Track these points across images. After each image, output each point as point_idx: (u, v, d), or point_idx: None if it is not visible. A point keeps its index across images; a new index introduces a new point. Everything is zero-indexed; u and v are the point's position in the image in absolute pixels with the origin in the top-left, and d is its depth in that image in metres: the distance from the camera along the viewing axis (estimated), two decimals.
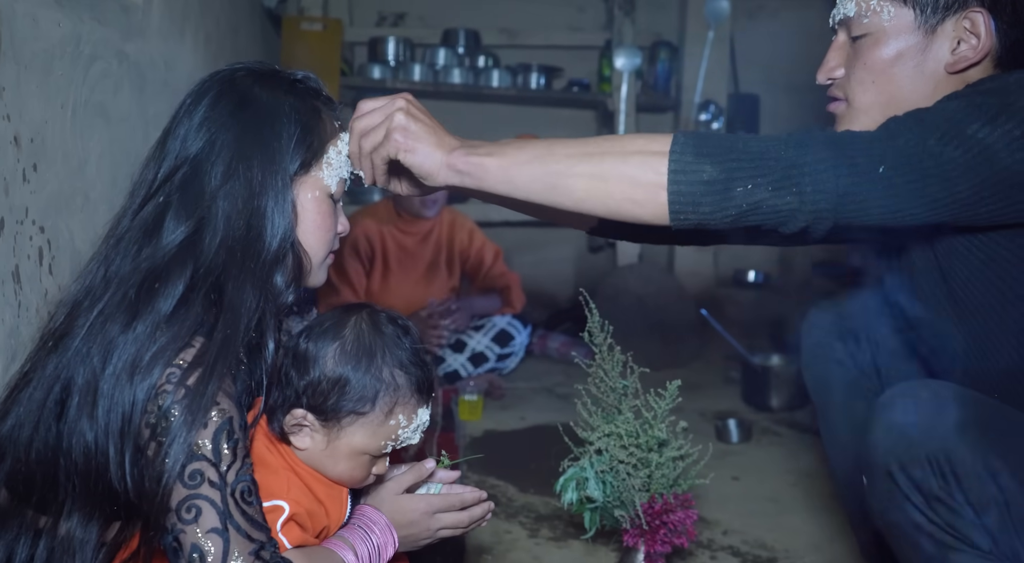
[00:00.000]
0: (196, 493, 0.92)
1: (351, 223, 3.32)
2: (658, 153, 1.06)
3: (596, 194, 1.08)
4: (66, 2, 1.68)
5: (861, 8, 1.17)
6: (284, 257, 1.07)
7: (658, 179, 1.04)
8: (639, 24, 3.86)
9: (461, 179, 1.13)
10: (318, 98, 1.15)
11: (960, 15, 1.13)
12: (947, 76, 1.15)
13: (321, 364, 1.09)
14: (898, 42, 1.16)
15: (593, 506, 1.55)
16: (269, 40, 3.64)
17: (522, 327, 3.12)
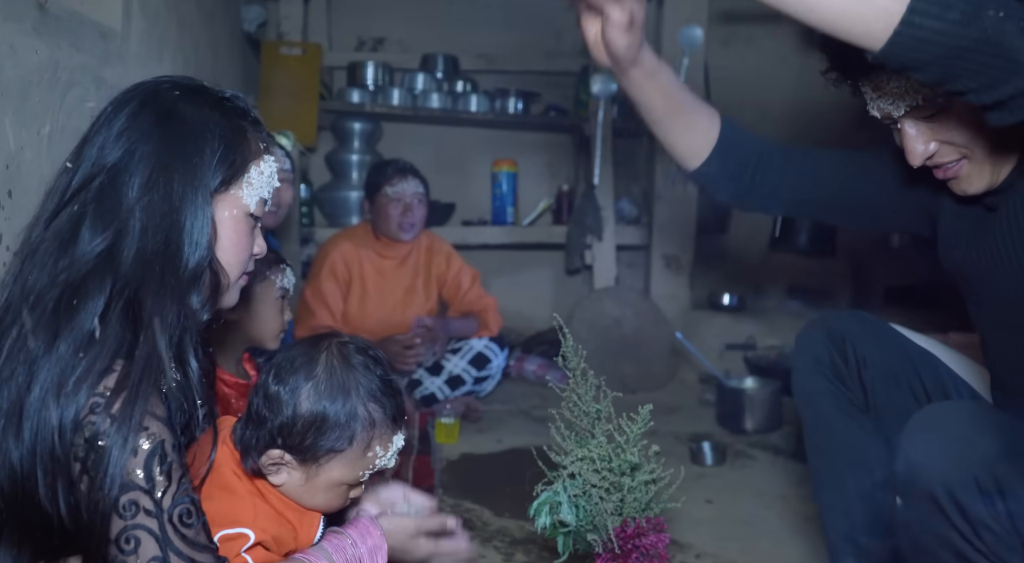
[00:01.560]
0: (133, 524, 0.91)
1: (330, 246, 3.34)
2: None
3: (835, 5, 1.04)
4: (44, 30, 1.69)
5: (925, 93, 1.17)
6: (201, 274, 1.06)
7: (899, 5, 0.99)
8: None
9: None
10: (244, 118, 1.14)
11: None
12: None
13: (296, 405, 1.08)
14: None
15: (566, 530, 1.55)
16: (248, 64, 3.65)
17: (499, 350, 3.12)
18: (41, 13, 1.71)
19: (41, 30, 1.69)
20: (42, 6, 1.72)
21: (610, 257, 3.86)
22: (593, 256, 3.84)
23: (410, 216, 2.99)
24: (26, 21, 1.66)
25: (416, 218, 3.01)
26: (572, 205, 3.97)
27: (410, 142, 4.08)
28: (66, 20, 1.84)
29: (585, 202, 3.80)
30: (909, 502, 1.11)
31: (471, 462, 2.56)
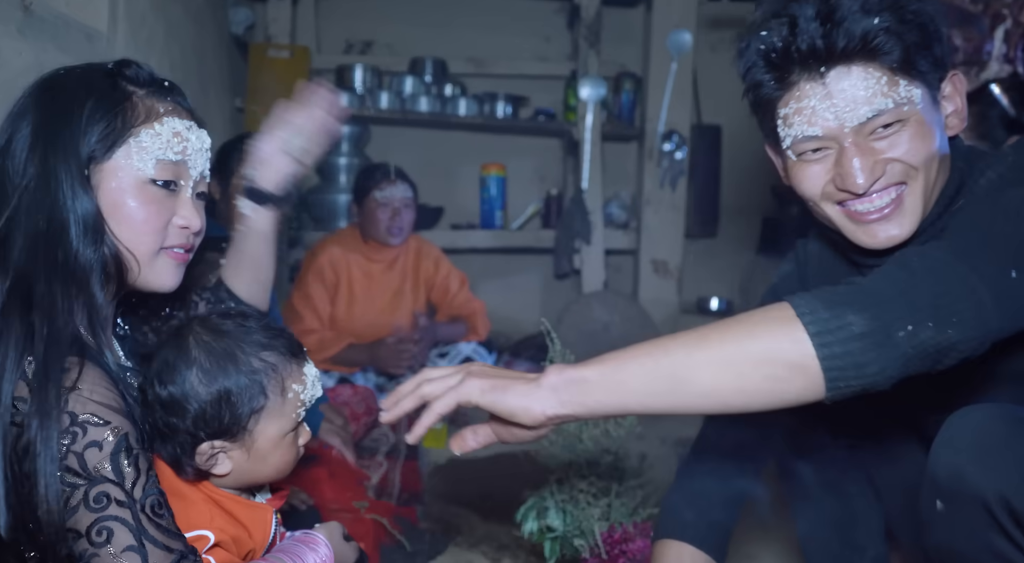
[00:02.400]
0: (104, 515, 0.91)
1: (318, 250, 3.33)
2: (784, 318, 0.93)
3: (727, 381, 0.93)
4: (29, 32, 1.68)
5: (895, 97, 1.07)
6: (96, 253, 1.01)
7: (800, 347, 0.90)
8: (604, 55, 3.92)
9: (561, 401, 0.96)
10: (135, 82, 1.07)
11: (947, 79, 1.13)
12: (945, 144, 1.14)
13: (194, 396, 1.06)
14: (929, 121, 1.10)
15: (553, 535, 1.56)
16: (236, 67, 3.64)
17: (487, 354, 3.12)
18: (26, 15, 1.70)
19: (26, 32, 1.68)
20: (27, 8, 1.71)
21: (598, 261, 3.86)
22: (582, 260, 3.85)
23: (398, 220, 2.98)
24: (11, 23, 1.65)
25: (404, 222, 3.00)
26: (561, 209, 3.97)
27: (399, 145, 4.07)
28: (51, 22, 1.83)
29: (574, 206, 3.80)
30: (953, 507, 1.03)
31: (459, 467, 2.55)
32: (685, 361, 0.94)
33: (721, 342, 0.94)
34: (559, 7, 4.24)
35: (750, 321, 0.96)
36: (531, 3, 4.19)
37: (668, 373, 0.95)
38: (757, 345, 0.93)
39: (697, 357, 0.94)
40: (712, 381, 0.93)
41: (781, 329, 0.92)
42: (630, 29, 4.16)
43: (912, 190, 1.12)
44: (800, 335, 0.91)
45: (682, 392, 0.95)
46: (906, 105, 1.08)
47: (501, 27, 4.19)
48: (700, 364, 0.94)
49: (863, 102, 1.07)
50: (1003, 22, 2.36)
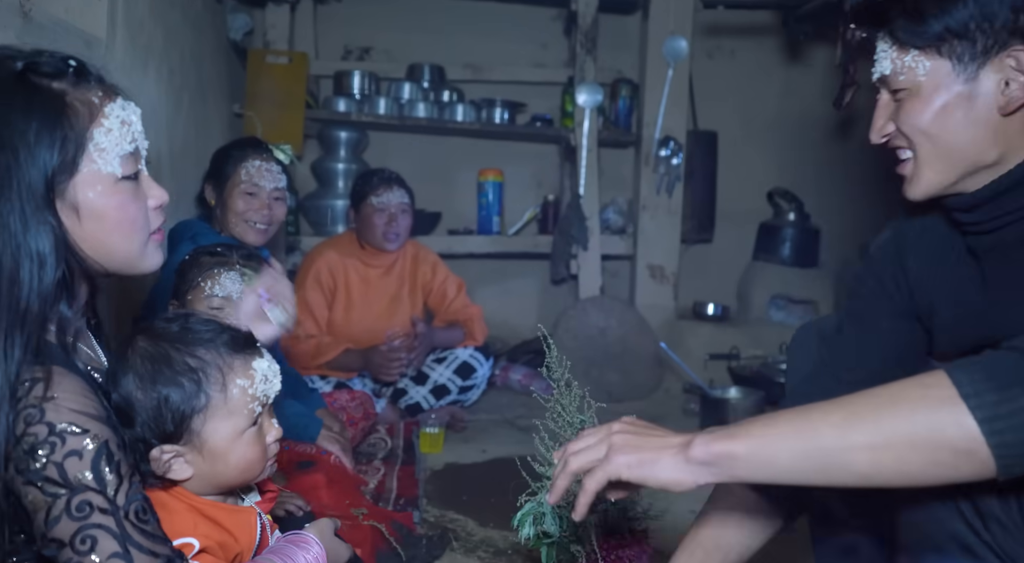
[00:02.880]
0: (87, 524, 0.90)
1: (315, 255, 3.33)
2: (944, 398, 0.86)
3: (887, 466, 0.88)
4: (28, 37, 1.68)
5: (896, 65, 1.13)
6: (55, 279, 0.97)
7: (967, 433, 0.84)
8: (601, 62, 3.93)
9: (712, 473, 0.96)
10: (57, 77, 0.98)
11: (1002, 55, 1.07)
12: (1003, 118, 1.09)
13: (135, 402, 1.05)
14: (939, 95, 1.10)
15: (550, 541, 1.55)
16: (235, 73, 3.64)
17: (484, 359, 3.12)
18: (25, 21, 1.70)
19: (25, 38, 1.68)
20: (26, 14, 1.71)
21: (595, 267, 3.87)
22: (578, 266, 3.85)
23: (395, 226, 2.98)
24: (9, 29, 1.65)
25: (401, 228, 3.00)
26: (558, 215, 3.97)
27: (396, 151, 4.08)
28: (50, 28, 1.83)
29: (571, 212, 3.80)
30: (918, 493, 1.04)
31: (456, 472, 2.55)
32: (838, 443, 0.90)
33: (876, 422, 0.89)
34: (556, 14, 4.24)
35: (906, 397, 0.90)
36: (528, 10, 4.20)
37: (820, 455, 0.91)
38: (918, 429, 0.87)
39: (852, 439, 0.89)
40: (870, 466, 0.89)
41: (943, 411, 0.86)
42: (627, 36, 4.17)
43: (919, 158, 1.15)
44: (967, 420, 0.85)
45: (837, 473, 0.92)
46: (903, 75, 1.12)
47: (498, 34, 4.19)
48: (855, 448, 0.89)
49: (877, 63, 1.17)
50: None
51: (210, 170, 2.39)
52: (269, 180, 2.30)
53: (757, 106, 4.33)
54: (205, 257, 1.62)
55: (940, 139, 1.12)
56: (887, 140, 1.18)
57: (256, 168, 2.29)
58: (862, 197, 3.89)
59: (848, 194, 4.04)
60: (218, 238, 2.25)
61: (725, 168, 4.13)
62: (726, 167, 4.13)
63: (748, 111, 4.32)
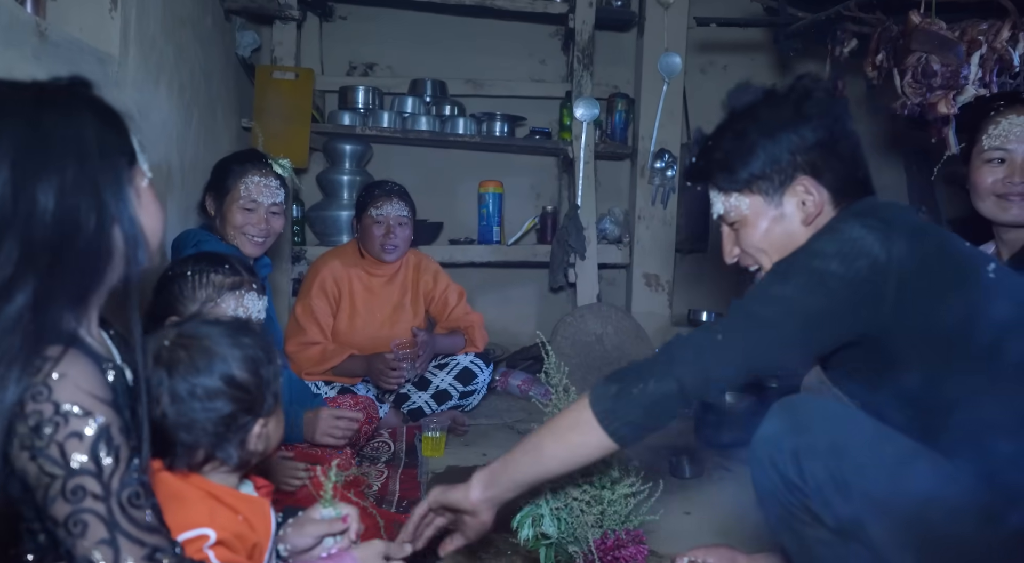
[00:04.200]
0: (80, 508, 0.91)
1: (320, 264, 3.33)
2: (582, 407, 1.37)
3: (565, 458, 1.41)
4: (43, 55, 1.70)
5: (726, 206, 1.47)
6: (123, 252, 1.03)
7: (589, 417, 1.36)
8: (597, 77, 3.94)
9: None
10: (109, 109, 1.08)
11: (793, 184, 1.41)
12: (806, 227, 1.42)
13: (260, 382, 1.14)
14: (762, 220, 1.44)
15: (548, 542, 1.56)
16: (243, 88, 3.66)
17: (484, 365, 3.12)
18: (41, 40, 1.72)
19: (41, 56, 1.70)
20: (42, 33, 1.72)
21: (592, 275, 3.87)
22: (576, 274, 3.86)
23: (392, 238, 2.99)
24: (26, 47, 1.66)
25: (398, 240, 3.00)
26: (556, 225, 3.98)
27: (399, 163, 4.09)
28: (65, 46, 1.84)
29: (568, 222, 3.81)
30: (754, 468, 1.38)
31: (457, 475, 2.55)
32: (534, 474, 1.44)
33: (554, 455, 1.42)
34: (554, 31, 4.26)
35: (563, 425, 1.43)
36: (527, 27, 4.22)
37: (530, 481, 1.45)
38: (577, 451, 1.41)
39: (543, 470, 1.43)
40: (557, 463, 1.42)
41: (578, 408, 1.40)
42: (622, 52, 4.18)
43: (763, 265, 1.48)
44: (586, 415, 1.37)
45: (543, 468, 1.43)
46: (732, 212, 1.47)
47: (498, 50, 4.21)
48: (547, 474, 1.44)
49: (712, 207, 1.52)
50: (979, 48, 2.38)
51: (211, 181, 2.40)
52: (267, 196, 2.32)
53: None
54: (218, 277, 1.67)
55: (771, 249, 1.45)
56: (737, 260, 1.53)
57: (255, 184, 2.30)
58: None
59: None
60: (219, 246, 2.26)
61: None
62: None
63: None
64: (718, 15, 3.72)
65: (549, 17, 4.03)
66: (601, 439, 1.35)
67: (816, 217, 1.41)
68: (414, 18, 4.10)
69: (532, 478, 1.43)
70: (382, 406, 2.89)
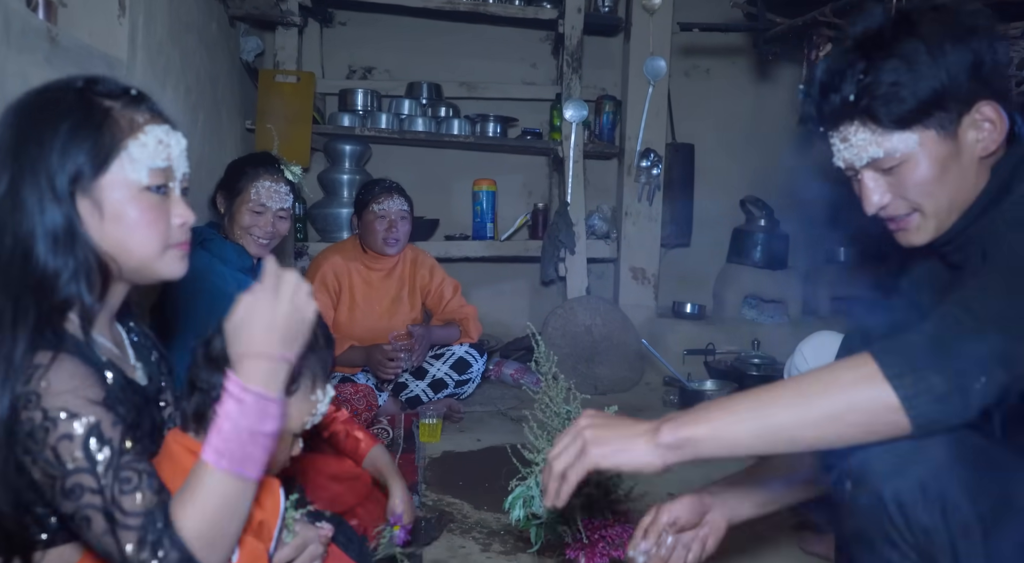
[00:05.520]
0: (82, 504, 0.91)
1: (321, 259, 3.32)
2: (873, 379, 0.98)
3: (828, 436, 1.00)
4: (55, 60, 1.69)
5: (887, 148, 1.16)
6: (68, 260, 0.99)
7: (893, 411, 0.97)
8: (586, 79, 3.94)
9: (678, 455, 1.06)
10: (111, 97, 1.04)
11: (972, 111, 1.14)
12: (980, 160, 1.17)
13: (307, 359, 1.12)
14: (936, 158, 1.15)
15: (538, 522, 1.56)
16: (247, 91, 3.64)
17: (479, 355, 3.13)
18: (52, 45, 1.71)
19: (52, 60, 1.69)
20: (53, 39, 1.72)
21: (582, 269, 3.88)
22: (566, 268, 3.86)
23: (394, 232, 2.99)
24: (38, 52, 1.66)
25: (400, 234, 3.01)
26: (547, 221, 3.99)
27: (397, 163, 4.08)
28: (75, 51, 1.84)
29: (559, 218, 3.82)
30: (857, 491, 1.10)
31: (452, 459, 2.56)
32: (789, 422, 1.01)
33: (822, 402, 1.00)
34: (545, 36, 4.26)
35: (843, 380, 1.00)
36: (519, 32, 4.21)
37: (775, 432, 1.01)
38: (855, 407, 0.99)
39: (801, 418, 1.00)
40: (816, 437, 1.01)
41: (873, 391, 0.98)
42: (610, 56, 4.18)
43: (925, 214, 1.20)
44: (892, 400, 0.97)
45: (790, 446, 1.03)
46: (897, 152, 1.16)
47: (492, 54, 4.21)
48: (805, 425, 1.00)
49: (857, 151, 1.19)
50: None
51: (223, 180, 2.38)
52: (276, 201, 2.30)
53: (730, 120, 4.35)
54: None
55: (943, 193, 1.18)
56: (879, 210, 1.22)
57: (266, 189, 2.29)
58: (827, 205, 3.91)
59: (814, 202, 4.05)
60: (225, 244, 2.25)
61: (701, 178, 4.15)
62: (702, 177, 4.15)
63: (722, 125, 4.34)
64: (701, 21, 3.72)
65: (540, 23, 4.03)
66: (901, 430, 1.01)
67: (998, 148, 1.16)
68: (411, 24, 4.09)
69: (755, 452, 1.07)
70: (381, 394, 2.89)
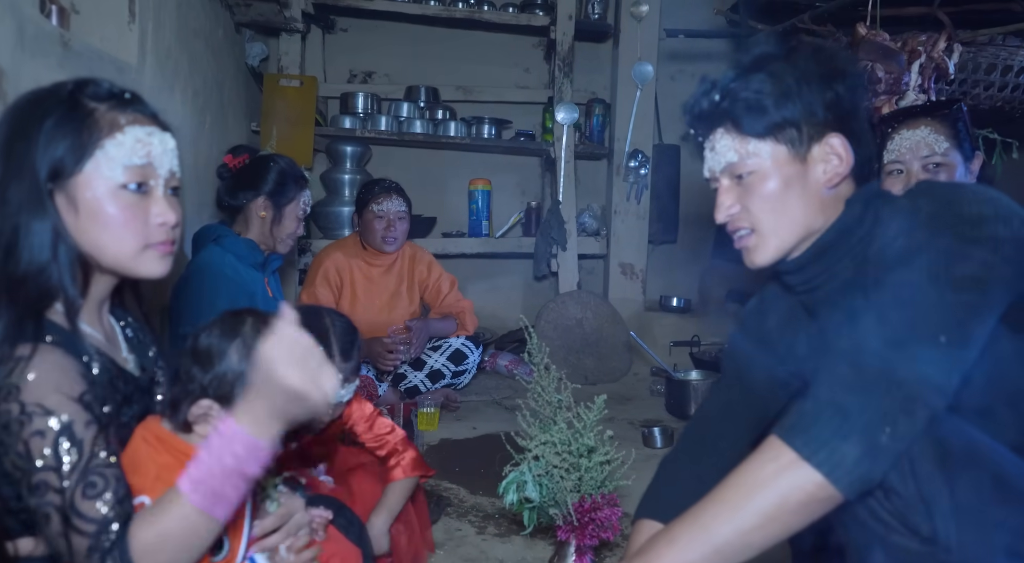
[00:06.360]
0: (43, 502, 0.89)
1: (323, 256, 3.32)
2: (793, 464, 0.98)
3: (775, 532, 1.00)
4: (67, 64, 1.69)
5: (741, 153, 1.16)
6: (53, 257, 0.98)
7: (820, 486, 0.97)
8: (577, 83, 3.94)
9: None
10: (96, 98, 1.01)
11: (822, 141, 1.15)
12: (827, 192, 1.16)
13: (226, 359, 1.05)
14: (782, 174, 1.15)
15: (531, 506, 1.57)
16: (252, 94, 3.64)
17: (475, 347, 3.13)
18: (65, 50, 1.71)
19: (65, 65, 1.69)
20: (66, 44, 1.72)
21: (573, 265, 3.88)
22: (558, 264, 3.87)
23: (393, 231, 2.99)
24: (51, 57, 1.66)
25: (398, 232, 3.01)
26: (539, 219, 3.99)
27: (396, 163, 4.08)
28: (87, 56, 1.83)
29: (551, 216, 3.82)
30: None
31: (449, 447, 2.57)
32: (732, 536, 1.00)
33: (755, 505, 1.00)
34: (538, 42, 4.25)
35: (765, 476, 1.00)
36: (513, 39, 4.21)
37: (724, 549, 1.01)
38: (787, 497, 0.99)
39: (740, 527, 1.00)
40: (764, 537, 1.00)
41: (798, 476, 0.98)
42: (599, 61, 4.18)
43: (763, 231, 1.18)
44: (817, 478, 0.97)
45: (746, 553, 1.01)
46: (750, 160, 1.16)
47: (487, 59, 4.21)
48: (748, 531, 1.00)
49: (716, 157, 1.20)
50: (918, 58, 2.40)
51: (272, 188, 2.32)
52: (308, 206, 2.40)
53: None
54: None
55: (782, 213, 1.16)
56: (728, 220, 1.22)
57: (307, 199, 2.37)
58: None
59: None
60: (237, 240, 2.25)
61: (687, 177, 4.16)
62: (688, 176, 4.16)
63: None
64: (686, 27, 3.73)
65: (533, 29, 4.03)
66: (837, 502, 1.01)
67: (841, 182, 1.16)
68: (409, 30, 4.09)
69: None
70: (381, 385, 2.90)
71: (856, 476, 0.97)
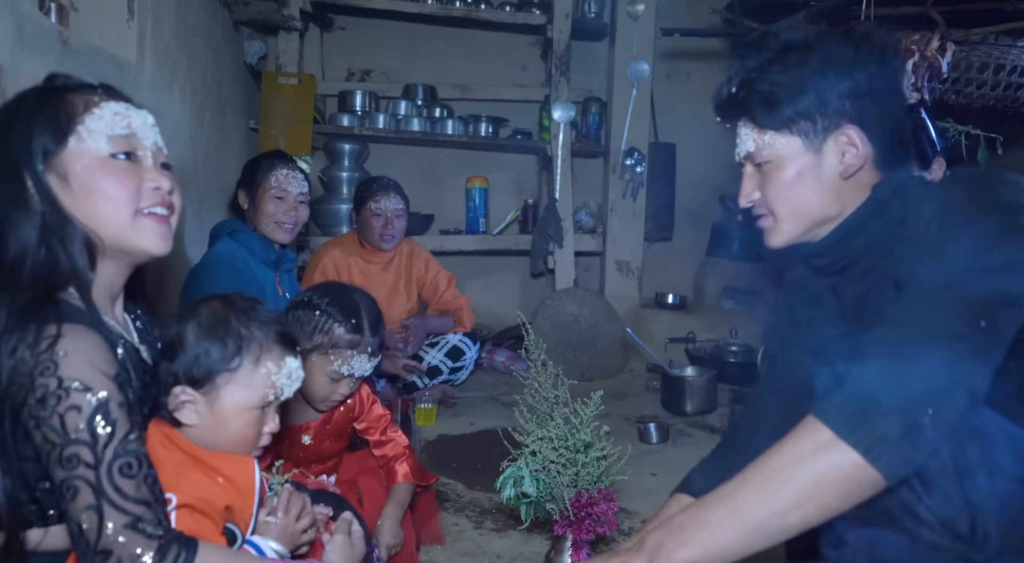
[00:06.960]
0: (72, 475, 0.90)
1: (322, 253, 3.31)
2: (830, 443, 0.96)
3: (812, 514, 0.96)
4: (66, 61, 1.68)
5: (758, 144, 1.20)
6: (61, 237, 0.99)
7: (858, 466, 0.94)
8: (573, 82, 3.94)
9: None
10: (66, 88, 1.05)
11: (837, 132, 1.15)
12: (843, 181, 1.17)
13: (185, 342, 1.07)
14: (796, 165, 1.17)
15: (528, 500, 1.56)
16: (250, 92, 3.63)
17: (472, 344, 3.13)
18: (64, 47, 1.70)
19: (64, 62, 1.68)
20: (65, 41, 1.71)
21: (569, 262, 3.88)
22: (555, 261, 3.87)
23: (390, 229, 2.98)
24: (51, 54, 1.65)
25: (396, 230, 3.00)
26: (536, 216, 3.99)
27: (394, 161, 4.07)
28: (86, 53, 1.83)
29: (548, 214, 3.82)
30: None
31: (447, 442, 2.57)
32: (770, 516, 0.97)
33: (792, 484, 0.97)
34: (534, 40, 4.25)
35: (802, 454, 0.97)
36: (510, 37, 4.20)
37: (760, 531, 0.98)
38: (824, 477, 0.96)
39: (779, 507, 0.97)
40: (800, 520, 0.97)
41: (836, 456, 0.95)
42: (596, 60, 4.18)
43: (778, 216, 1.22)
44: (856, 457, 0.94)
45: (778, 536, 0.98)
46: (765, 150, 1.19)
47: (484, 58, 4.20)
48: (784, 512, 0.97)
49: (740, 144, 1.24)
50: (912, 56, 2.40)
51: (242, 178, 2.37)
52: (295, 186, 2.31)
53: (710, 121, 4.29)
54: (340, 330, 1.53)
55: (798, 199, 1.19)
56: (751, 205, 1.25)
57: (284, 176, 2.30)
58: None
59: None
60: (252, 235, 2.25)
61: (682, 175, 4.16)
62: (683, 174, 4.16)
63: (702, 125, 4.28)
64: (682, 26, 3.72)
65: (529, 28, 4.02)
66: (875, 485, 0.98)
67: (856, 172, 1.17)
68: (407, 29, 4.08)
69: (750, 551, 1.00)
70: (379, 381, 2.89)
71: (896, 455, 0.94)
